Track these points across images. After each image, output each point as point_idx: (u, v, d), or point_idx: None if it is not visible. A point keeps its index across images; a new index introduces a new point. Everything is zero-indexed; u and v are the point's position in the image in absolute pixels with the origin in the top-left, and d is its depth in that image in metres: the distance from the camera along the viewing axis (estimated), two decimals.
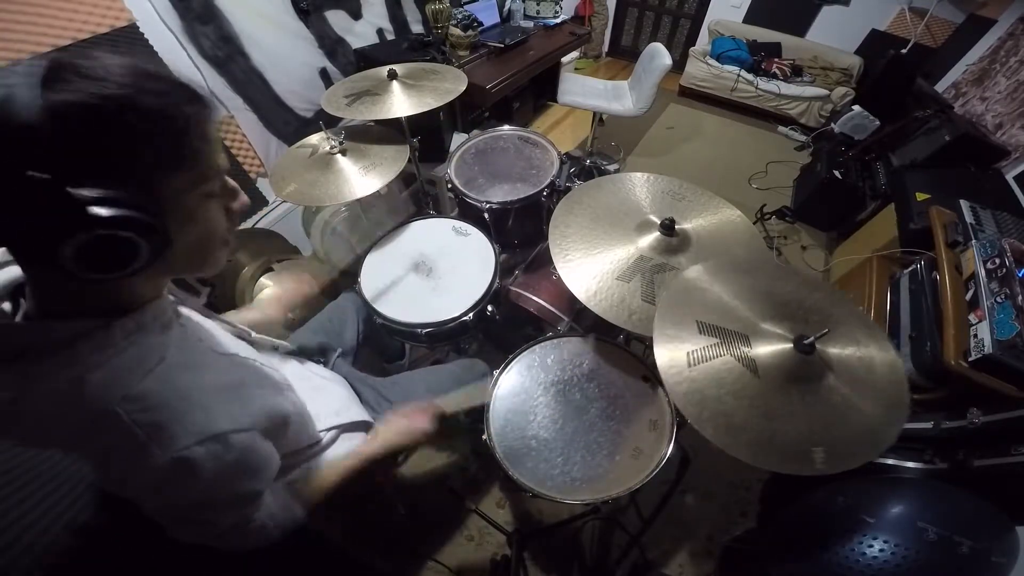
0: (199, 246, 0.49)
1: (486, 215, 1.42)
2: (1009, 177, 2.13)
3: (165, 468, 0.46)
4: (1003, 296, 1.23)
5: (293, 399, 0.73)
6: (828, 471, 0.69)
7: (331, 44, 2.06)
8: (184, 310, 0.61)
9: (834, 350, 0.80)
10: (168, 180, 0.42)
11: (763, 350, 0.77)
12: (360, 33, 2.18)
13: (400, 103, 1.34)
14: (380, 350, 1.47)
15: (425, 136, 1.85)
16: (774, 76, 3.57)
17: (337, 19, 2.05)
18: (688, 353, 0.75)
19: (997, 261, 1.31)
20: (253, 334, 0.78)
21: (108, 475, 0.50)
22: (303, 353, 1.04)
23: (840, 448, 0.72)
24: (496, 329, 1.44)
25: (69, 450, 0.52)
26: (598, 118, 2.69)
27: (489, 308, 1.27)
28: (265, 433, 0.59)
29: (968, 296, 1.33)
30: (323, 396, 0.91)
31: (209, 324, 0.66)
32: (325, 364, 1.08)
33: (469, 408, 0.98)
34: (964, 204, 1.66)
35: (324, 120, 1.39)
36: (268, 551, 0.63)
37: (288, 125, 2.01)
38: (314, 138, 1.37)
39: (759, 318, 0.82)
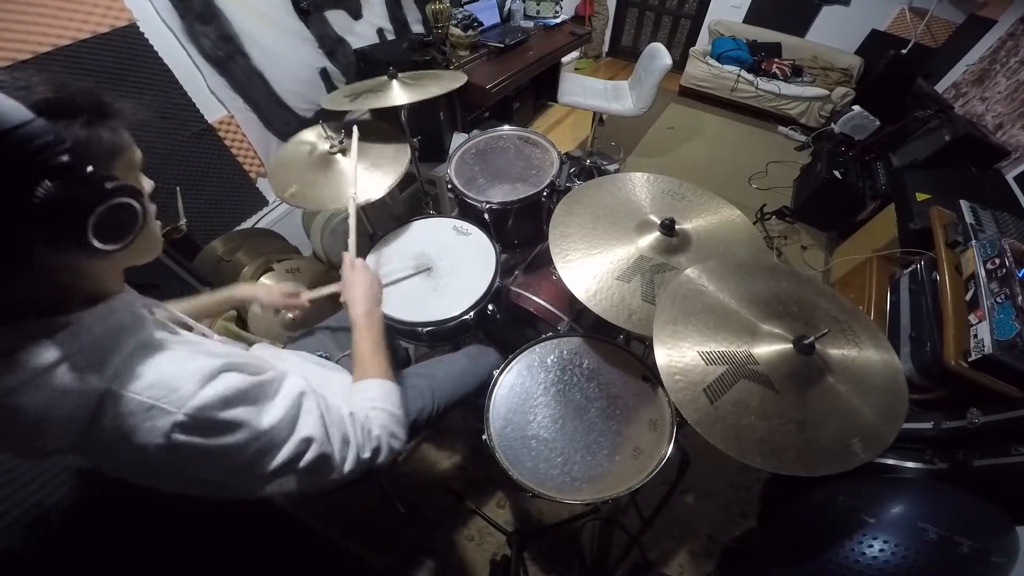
0: (149, 226, 0.52)
1: (486, 215, 1.42)
2: (1009, 177, 2.13)
3: (187, 424, 0.47)
4: (1003, 296, 1.23)
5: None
6: (871, 458, 0.71)
7: (331, 44, 2.06)
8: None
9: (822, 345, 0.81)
10: (116, 164, 0.47)
11: (767, 358, 0.78)
12: (360, 33, 2.18)
13: (399, 96, 1.34)
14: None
15: (425, 136, 1.86)
16: (774, 76, 3.57)
17: (337, 19, 2.05)
18: (705, 390, 0.75)
19: (997, 261, 1.30)
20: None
21: (146, 462, 0.48)
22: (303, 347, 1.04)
23: (871, 431, 0.74)
24: (496, 329, 1.44)
25: (96, 453, 0.49)
26: (598, 118, 2.69)
27: (490, 307, 1.27)
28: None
29: (968, 296, 1.33)
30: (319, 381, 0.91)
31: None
32: (329, 359, 1.07)
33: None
34: (964, 204, 1.66)
35: (323, 117, 1.39)
36: (268, 549, 0.63)
37: (288, 125, 2.00)
38: (311, 135, 1.36)
39: (757, 318, 0.83)
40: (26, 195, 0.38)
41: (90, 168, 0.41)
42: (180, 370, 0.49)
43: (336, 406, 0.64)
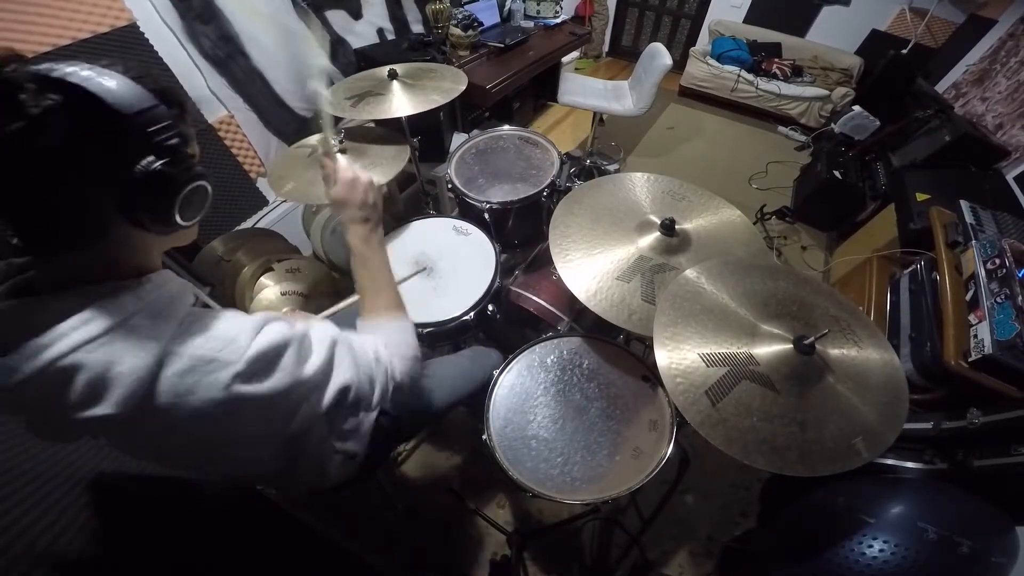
0: None
1: (486, 215, 1.42)
2: (1009, 177, 2.13)
3: (246, 373, 0.49)
4: (1003, 296, 1.23)
5: None
6: (873, 457, 0.71)
7: (331, 44, 2.06)
8: None
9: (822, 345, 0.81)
10: (188, 150, 0.52)
11: (768, 359, 0.78)
12: (360, 33, 2.18)
13: (400, 103, 1.34)
14: None
15: (425, 136, 1.86)
16: (774, 76, 3.57)
17: (337, 19, 2.05)
18: (707, 392, 0.75)
19: (997, 261, 1.30)
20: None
21: (197, 426, 0.49)
22: None
23: (872, 430, 0.74)
24: (496, 329, 1.44)
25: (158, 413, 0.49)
26: (598, 118, 2.69)
27: (490, 308, 1.27)
28: None
29: (968, 296, 1.33)
30: None
31: None
32: None
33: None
34: (964, 204, 1.65)
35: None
36: (268, 549, 0.64)
37: (288, 125, 2.00)
38: (313, 138, 1.37)
39: (756, 319, 0.83)
40: (131, 167, 0.43)
41: (190, 150, 0.48)
42: (232, 324, 0.52)
43: (363, 351, 0.65)
